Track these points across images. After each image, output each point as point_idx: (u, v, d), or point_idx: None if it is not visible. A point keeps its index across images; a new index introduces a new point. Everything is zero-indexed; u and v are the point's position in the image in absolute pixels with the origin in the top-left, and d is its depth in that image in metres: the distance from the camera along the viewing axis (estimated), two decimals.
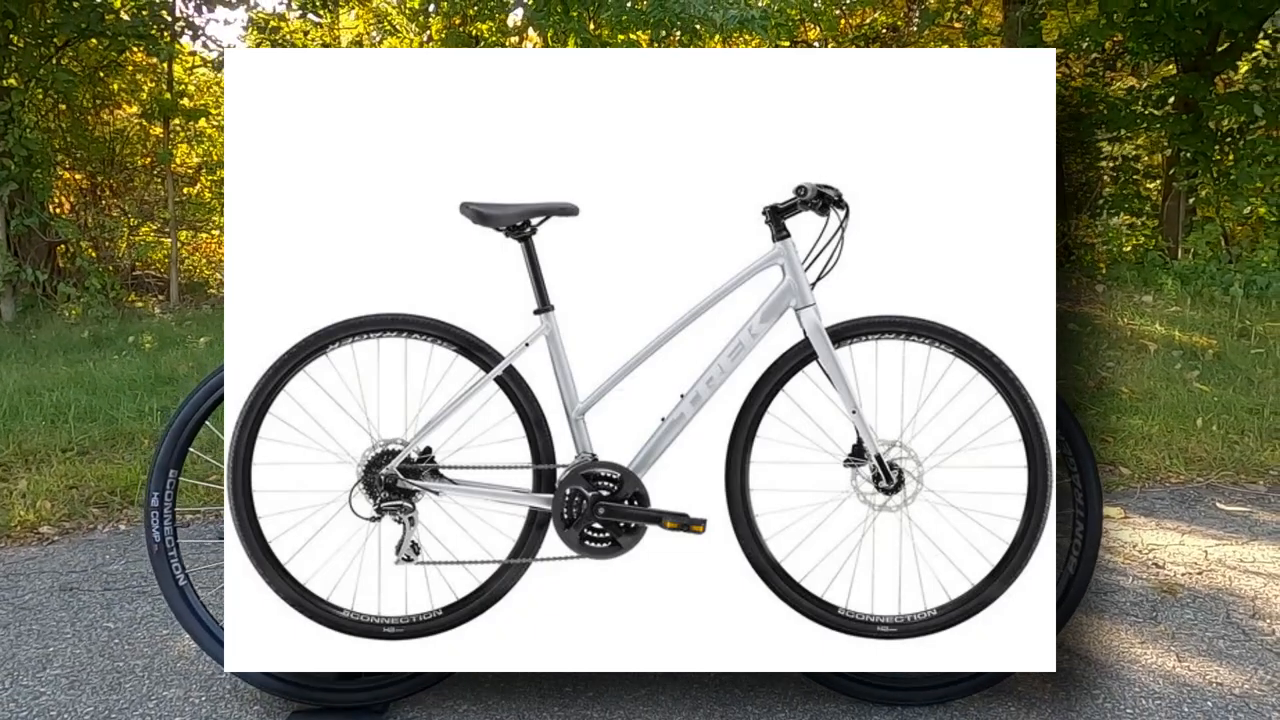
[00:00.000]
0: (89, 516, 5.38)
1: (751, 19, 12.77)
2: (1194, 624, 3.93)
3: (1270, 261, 11.73)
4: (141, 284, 15.21)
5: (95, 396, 7.55)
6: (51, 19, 13.22)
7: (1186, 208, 14.67)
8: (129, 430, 6.72)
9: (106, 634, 3.94)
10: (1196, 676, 3.52)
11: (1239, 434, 6.41)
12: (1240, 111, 13.75)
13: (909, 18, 19.98)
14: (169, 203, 15.40)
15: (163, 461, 3.20)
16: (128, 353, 9.70)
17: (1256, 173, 13.30)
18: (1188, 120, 14.07)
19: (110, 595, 4.34)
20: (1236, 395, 7.18)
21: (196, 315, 12.71)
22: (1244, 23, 13.57)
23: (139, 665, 3.66)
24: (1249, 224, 14.14)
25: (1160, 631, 3.87)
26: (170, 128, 15.36)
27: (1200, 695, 3.39)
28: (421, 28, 17.30)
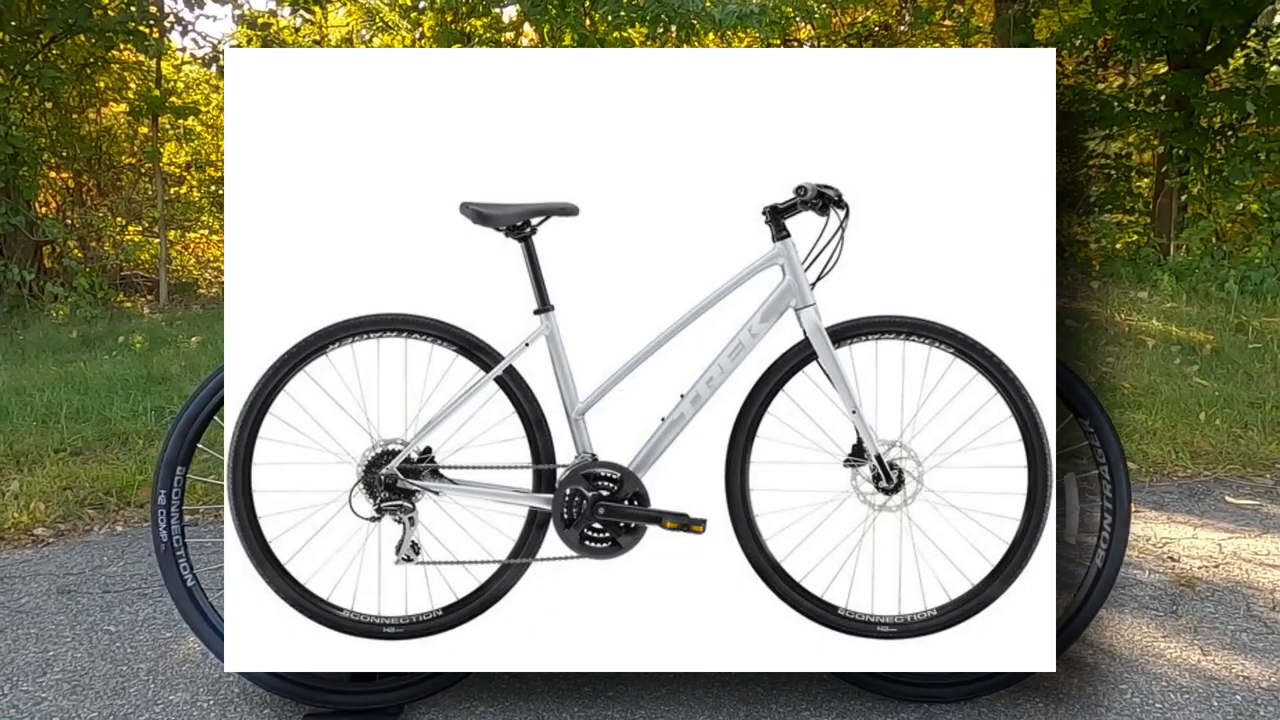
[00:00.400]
0: (84, 518, 5.37)
1: (750, 14, 12.78)
2: (1215, 617, 3.96)
3: (1263, 258, 11.76)
4: (130, 284, 15.17)
5: (86, 396, 7.53)
6: (38, 14, 13.17)
7: (1178, 205, 14.75)
8: (122, 430, 6.70)
9: (108, 637, 3.93)
10: (1223, 670, 3.54)
11: (1242, 428, 6.49)
12: (1232, 108, 13.91)
13: (901, 16, 20.04)
14: (158, 201, 15.36)
15: (170, 457, 3.18)
16: (118, 352, 9.68)
17: (1248, 169, 13.39)
18: (1179, 117, 14.20)
19: (110, 597, 4.32)
20: (1237, 390, 7.24)
21: (187, 315, 12.70)
22: (1234, 19, 13.72)
23: (143, 669, 3.65)
24: (1240, 220, 14.24)
25: (1182, 625, 3.90)
26: (158, 125, 15.34)
27: (1228, 689, 3.41)
28: (413, 24, 17.29)
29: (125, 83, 16.10)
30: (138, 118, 15.65)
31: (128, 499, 5.56)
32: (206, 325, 11.41)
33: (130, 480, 5.69)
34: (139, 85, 15.85)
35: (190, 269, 17.06)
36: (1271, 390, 7.22)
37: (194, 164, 17.77)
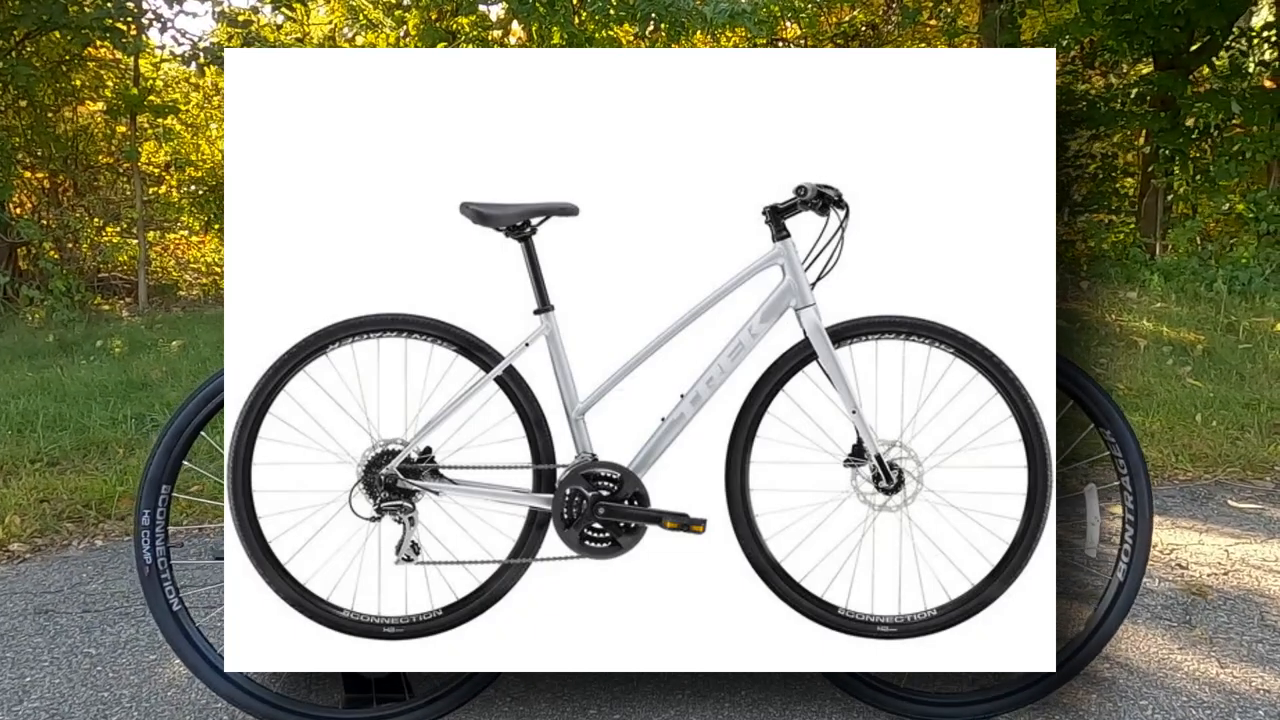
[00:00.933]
0: (62, 532, 5.27)
1: (742, 13, 12.90)
2: (1229, 627, 3.96)
3: (1250, 257, 12.02)
4: (108, 286, 15.13)
5: (64, 404, 7.45)
6: (11, 10, 13.10)
7: (1164, 204, 14.91)
8: (101, 439, 6.62)
9: (89, 660, 3.83)
10: (1242, 683, 3.54)
11: (1239, 430, 6.57)
12: (1217, 109, 14.14)
13: (887, 16, 20.19)
14: (136, 202, 15.32)
15: (154, 475, 3.13)
16: (95, 357, 9.59)
17: (1234, 169, 13.73)
18: (1165, 117, 14.39)
19: (90, 617, 4.23)
20: (1231, 391, 7.34)
21: (167, 318, 12.66)
22: (1220, 20, 14.04)
23: (125, 694, 3.57)
24: (1225, 221, 14.50)
25: (1197, 636, 3.90)
26: (137, 124, 15.29)
27: (1249, 704, 3.41)
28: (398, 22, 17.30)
29: (102, 80, 16.05)
30: (115, 116, 15.61)
31: (107, 511, 5.45)
32: (187, 328, 11.36)
33: (110, 492, 5.59)
34: (116, 83, 15.80)
35: (170, 270, 17.02)
36: (1265, 391, 7.32)
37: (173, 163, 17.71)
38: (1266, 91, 14.74)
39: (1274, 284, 11.15)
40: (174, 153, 17.71)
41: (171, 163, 17.69)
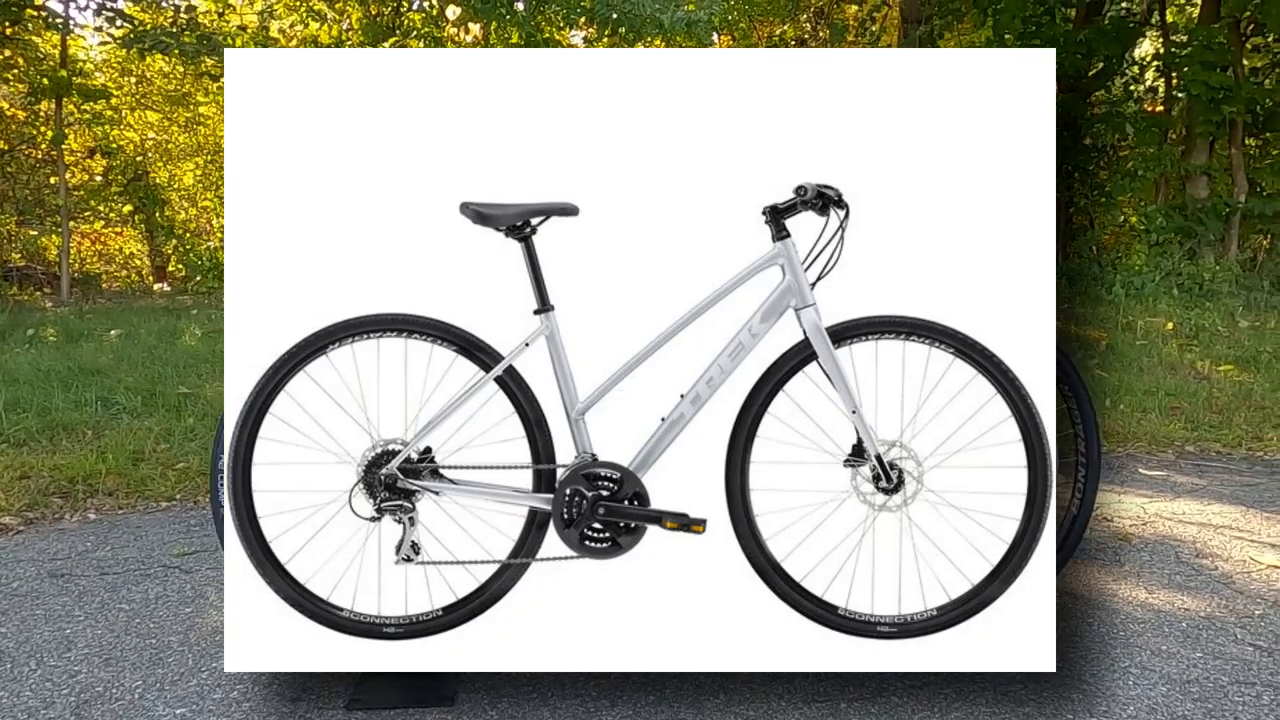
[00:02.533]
0: (52, 506, 5.51)
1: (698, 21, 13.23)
2: (1151, 564, 4.87)
3: (1142, 264, 14.04)
4: (26, 277, 15.05)
5: (18, 388, 7.68)
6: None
7: (1066, 216, 16.75)
8: (67, 421, 6.90)
9: (125, 614, 4.08)
10: (1167, 605, 4.35)
11: (1142, 412, 7.98)
12: (1114, 129, 16.71)
13: (815, 32, 20.82)
14: (60, 189, 15.17)
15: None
16: (30, 345, 9.90)
17: (1127, 185, 16.32)
18: (1067, 136, 16.33)
19: (112, 578, 4.48)
20: (1133, 380, 8.85)
21: (96, 309, 12.79)
22: (1116, 48, 16.28)
23: (174, 640, 3.82)
24: (1118, 232, 17.09)
25: (1127, 571, 4.78)
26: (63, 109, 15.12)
27: (1174, 619, 4.19)
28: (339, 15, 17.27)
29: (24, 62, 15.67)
30: (38, 99, 15.38)
31: (94, 487, 5.72)
32: (122, 319, 11.63)
33: (91, 470, 5.87)
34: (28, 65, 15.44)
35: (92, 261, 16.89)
36: (1161, 380, 8.85)
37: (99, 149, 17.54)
38: (1155, 115, 16.97)
39: (1164, 288, 13.39)
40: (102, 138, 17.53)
41: (97, 149, 17.51)
